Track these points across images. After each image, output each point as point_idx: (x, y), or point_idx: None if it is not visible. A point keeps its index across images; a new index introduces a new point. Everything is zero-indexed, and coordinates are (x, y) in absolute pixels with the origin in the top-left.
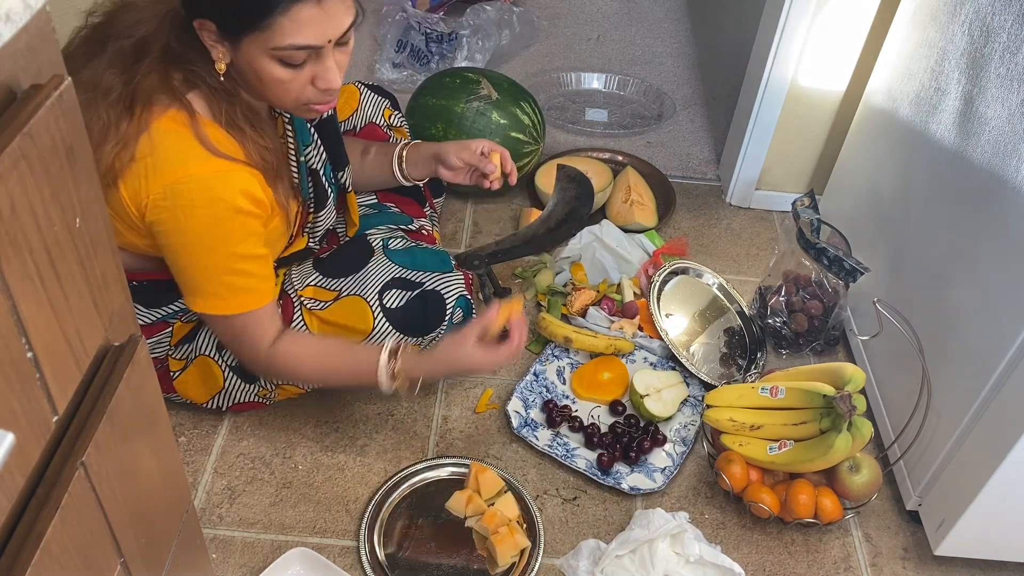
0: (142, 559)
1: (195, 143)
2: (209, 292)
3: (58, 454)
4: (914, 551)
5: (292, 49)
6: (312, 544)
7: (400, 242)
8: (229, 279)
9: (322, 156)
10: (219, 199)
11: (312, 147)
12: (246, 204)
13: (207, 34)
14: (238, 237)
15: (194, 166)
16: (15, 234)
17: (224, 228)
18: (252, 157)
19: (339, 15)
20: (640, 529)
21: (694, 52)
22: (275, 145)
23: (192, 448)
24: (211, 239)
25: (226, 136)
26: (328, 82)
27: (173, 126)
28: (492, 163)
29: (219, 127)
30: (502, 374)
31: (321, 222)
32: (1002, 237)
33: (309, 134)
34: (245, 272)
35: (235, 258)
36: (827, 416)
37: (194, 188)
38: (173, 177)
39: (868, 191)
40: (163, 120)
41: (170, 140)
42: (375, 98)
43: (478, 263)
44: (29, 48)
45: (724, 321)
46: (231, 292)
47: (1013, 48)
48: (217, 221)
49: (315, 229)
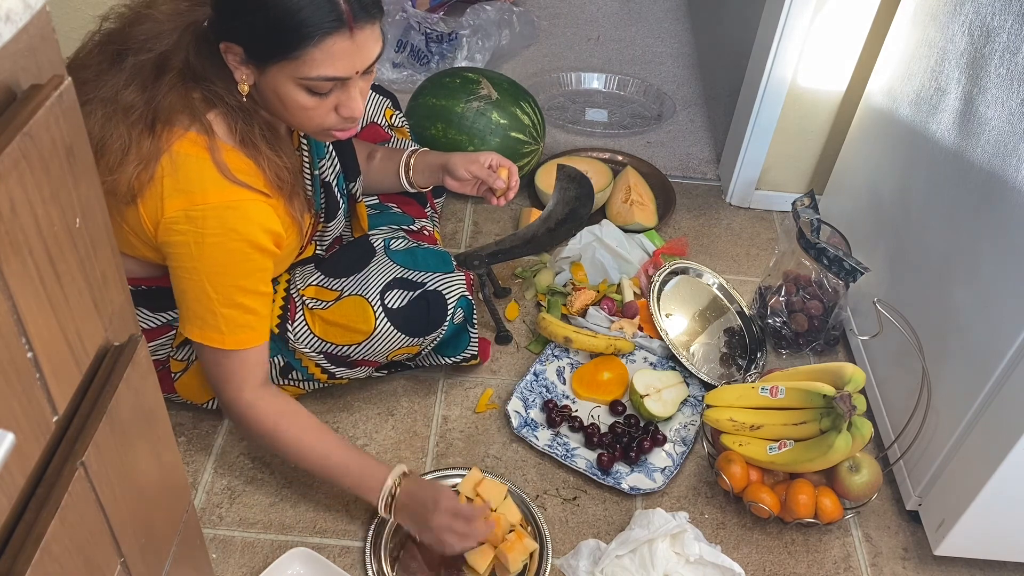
0: (142, 559)
1: (214, 170)
2: (208, 323)
3: (58, 454)
4: (914, 551)
5: (321, 80)
6: (312, 544)
7: (401, 242)
8: (229, 312)
9: (336, 168)
10: (233, 230)
11: (327, 159)
12: (264, 240)
13: (232, 57)
14: (245, 271)
15: (212, 194)
16: (15, 234)
17: (233, 260)
18: (268, 175)
19: (369, 47)
20: (640, 529)
21: (694, 52)
22: (292, 163)
23: (192, 448)
24: (219, 269)
25: (245, 162)
26: (352, 111)
27: (193, 150)
28: (501, 178)
29: (238, 152)
30: (502, 374)
31: (331, 231)
32: (1002, 237)
33: (324, 147)
34: (246, 308)
35: (239, 291)
36: (827, 416)
37: (210, 216)
38: (190, 202)
39: (868, 191)
40: (184, 143)
41: (189, 164)
42: (377, 98)
43: (478, 263)
44: (29, 48)
45: (724, 321)
46: (229, 327)
47: (1013, 48)
48: (228, 252)
49: (324, 237)
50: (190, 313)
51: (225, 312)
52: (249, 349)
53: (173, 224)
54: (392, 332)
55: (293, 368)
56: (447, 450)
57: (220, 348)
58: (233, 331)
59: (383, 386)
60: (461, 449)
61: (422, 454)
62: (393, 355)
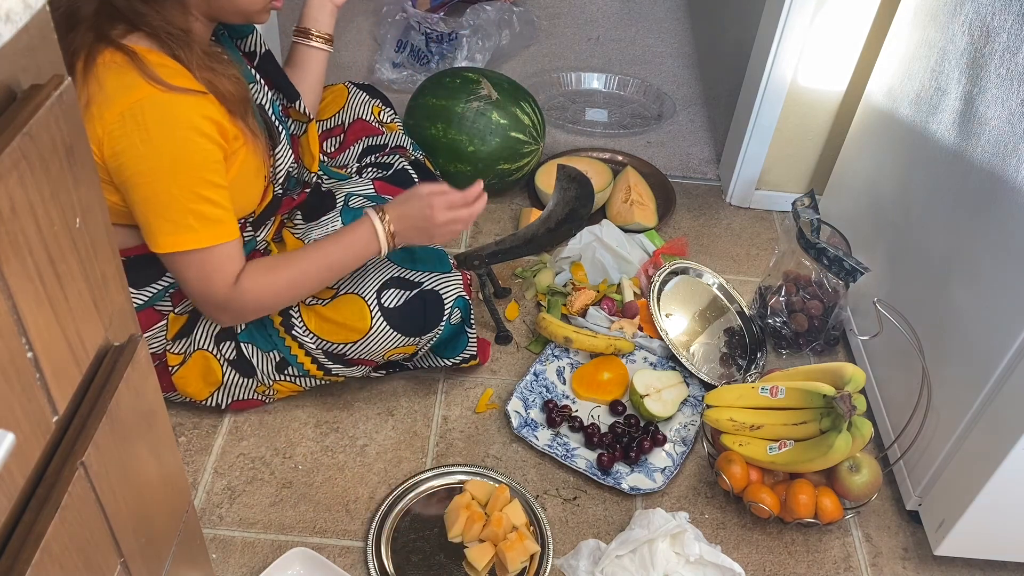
0: (142, 559)
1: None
2: (180, 224)
3: (58, 454)
4: (914, 551)
5: None
6: (312, 544)
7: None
8: (198, 207)
9: (267, 93)
10: (174, 117)
11: (256, 84)
12: (208, 127)
13: None
14: (200, 161)
15: (145, 89)
16: (15, 234)
17: (187, 150)
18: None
19: None
20: (640, 529)
21: (694, 52)
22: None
23: (192, 448)
24: (173, 163)
25: (180, 71)
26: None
27: (116, 60)
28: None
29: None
30: (502, 374)
31: (280, 163)
32: (1002, 237)
33: (250, 72)
34: (213, 201)
35: (202, 184)
36: (827, 416)
37: (148, 109)
38: (127, 102)
39: (868, 191)
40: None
41: (115, 73)
42: (364, 97)
43: (478, 263)
44: (29, 48)
45: (724, 321)
46: (201, 223)
47: (1013, 48)
48: (177, 143)
49: (276, 171)
50: (158, 221)
51: (193, 207)
52: (224, 244)
53: (115, 130)
54: (388, 331)
55: (289, 364)
56: (447, 450)
57: (195, 249)
58: (206, 226)
59: (383, 386)
60: (461, 449)
61: (422, 454)
62: (390, 355)
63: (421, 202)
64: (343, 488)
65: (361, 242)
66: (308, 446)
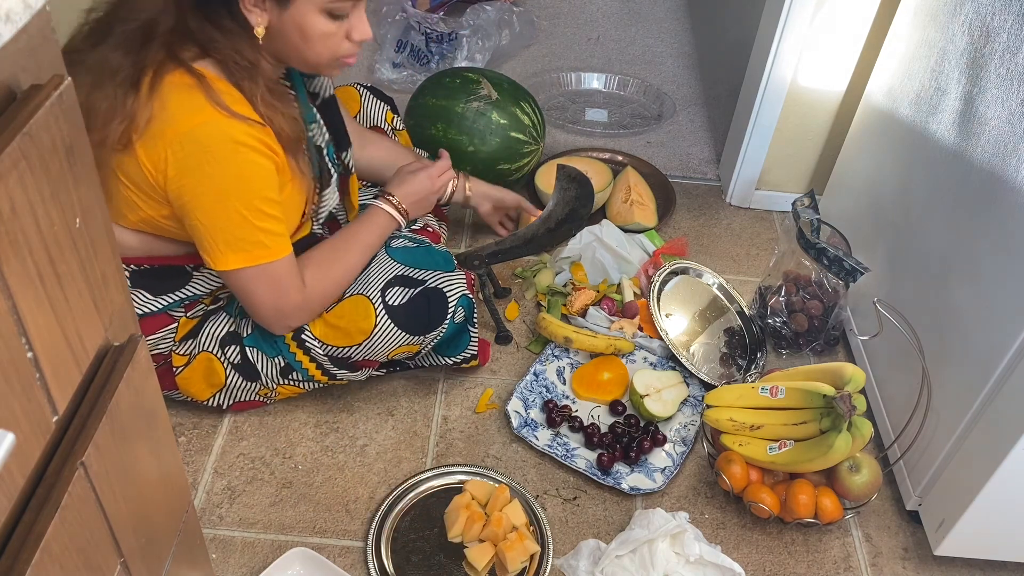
0: (142, 559)
1: (205, 102)
2: (250, 241)
3: (58, 454)
4: (914, 551)
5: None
6: (312, 544)
7: (402, 240)
8: (265, 224)
9: (325, 135)
10: (234, 140)
11: (316, 125)
12: (260, 146)
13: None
14: (262, 178)
15: (209, 112)
16: (15, 234)
17: (248, 171)
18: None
19: None
20: (640, 529)
21: (694, 52)
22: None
23: (192, 448)
24: (237, 183)
25: (242, 101)
26: (363, 33)
27: (184, 81)
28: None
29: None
30: (502, 374)
31: (326, 203)
32: (1002, 237)
33: (312, 113)
34: (275, 217)
35: (265, 202)
36: (827, 416)
37: (212, 132)
38: (190, 124)
39: (868, 191)
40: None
41: (181, 94)
42: (376, 101)
43: (478, 263)
44: (29, 48)
45: (724, 321)
46: (270, 238)
47: (1013, 48)
48: (240, 164)
49: (319, 210)
50: (228, 239)
51: (260, 225)
52: (289, 255)
53: (179, 151)
54: (393, 329)
55: (293, 369)
56: (447, 450)
57: (267, 263)
58: (275, 240)
59: (383, 386)
60: (461, 449)
61: (422, 454)
62: (393, 354)
63: (417, 177)
64: (343, 488)
65: (384, 221)
66: (308, 446)
